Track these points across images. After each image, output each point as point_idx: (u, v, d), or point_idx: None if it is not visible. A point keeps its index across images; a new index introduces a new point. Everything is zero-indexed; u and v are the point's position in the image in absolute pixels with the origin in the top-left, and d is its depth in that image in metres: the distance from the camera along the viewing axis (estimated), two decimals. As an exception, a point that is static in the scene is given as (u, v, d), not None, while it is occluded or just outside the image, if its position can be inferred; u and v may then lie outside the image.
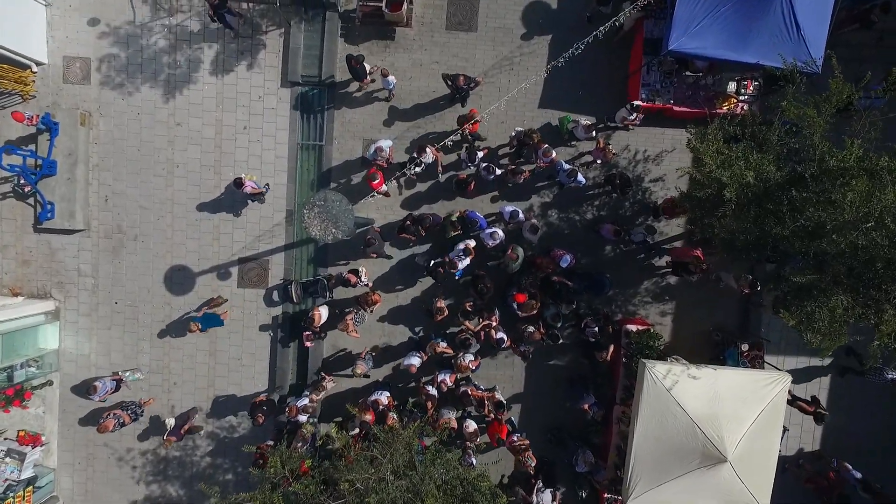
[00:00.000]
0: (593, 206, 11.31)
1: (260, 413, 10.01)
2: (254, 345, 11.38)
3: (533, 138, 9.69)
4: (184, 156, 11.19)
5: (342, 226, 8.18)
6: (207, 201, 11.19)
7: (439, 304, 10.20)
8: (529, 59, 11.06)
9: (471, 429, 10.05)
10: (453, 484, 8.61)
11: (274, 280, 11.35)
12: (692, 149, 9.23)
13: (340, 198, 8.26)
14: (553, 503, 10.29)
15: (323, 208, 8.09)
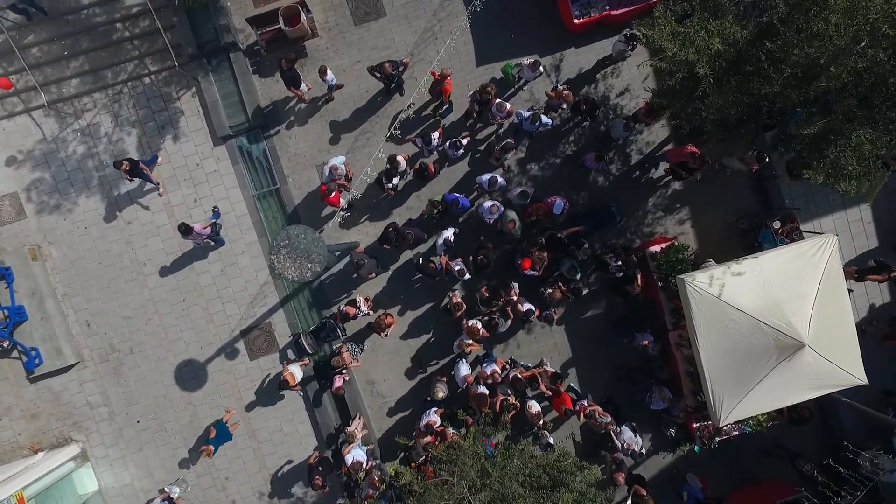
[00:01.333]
0: (569, 143, 10.61)
1: (317, 475, 9.40)
2: (289, 410, 10.78)
3: (489, 92, 9.00)
4: (147, 252, 10.59)
5: (316, 257, 7.53)
6: (187, 287, 10.60)
7: (455, 301, 9.56)
8: (449, 22, 10.39)
9: (534, 410, 9.41)
10: (536, 474, 7.97)
11: (283, 339, 10.75)
12: (647, 43, 8.52)
13: (303, 230, 7.60)
14: (635, 436, 9.71)
15: (290, 247, 7.44)
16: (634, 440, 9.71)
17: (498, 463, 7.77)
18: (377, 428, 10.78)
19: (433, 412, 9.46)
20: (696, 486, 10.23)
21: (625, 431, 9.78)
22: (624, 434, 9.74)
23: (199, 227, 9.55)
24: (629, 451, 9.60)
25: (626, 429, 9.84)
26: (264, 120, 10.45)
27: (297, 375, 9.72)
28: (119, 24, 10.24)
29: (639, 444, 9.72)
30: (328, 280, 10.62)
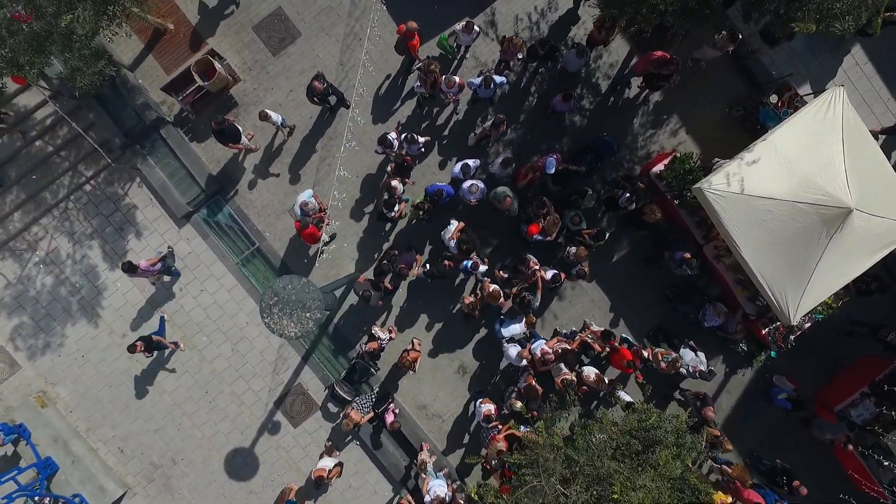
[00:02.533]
0: (531, 95, 9.91)
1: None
2: (351, 464, 10.17)
3: (434, 71, 8.32)
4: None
5: (313, 304, 6.87)
6: (205, 378, 10.01)
7: (467, 301, 8.91)
8: (365, 18, 9.70)
9: (592, 377, 8.75)
10: (624, 442, 7.31)
11: (319, 396, 10.14)
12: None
13: (288, 280, 6.95)
14: (696, 355, 9.10)
15: (281, 303, 6.80)
16: (697, 360, 9.05)
17: (581, 446, 7.13)
18: (446, 449, 10.17)
19: (480, 403, 8.87)
20: (787, 386, 9.55)
21: (684, 355, 9.12)
22: (685, 358, 9.08)
23: (146, 263, 8.79)
24: (696, 373, 8.94)
25: (685, 351, 9.19)
26: (219, 184, 9.82)
27: (329, 465, 9.13)
28: (39, 142, 9.65)
29: (703, 362, 9.05)
30: (341, 321, 10.01)
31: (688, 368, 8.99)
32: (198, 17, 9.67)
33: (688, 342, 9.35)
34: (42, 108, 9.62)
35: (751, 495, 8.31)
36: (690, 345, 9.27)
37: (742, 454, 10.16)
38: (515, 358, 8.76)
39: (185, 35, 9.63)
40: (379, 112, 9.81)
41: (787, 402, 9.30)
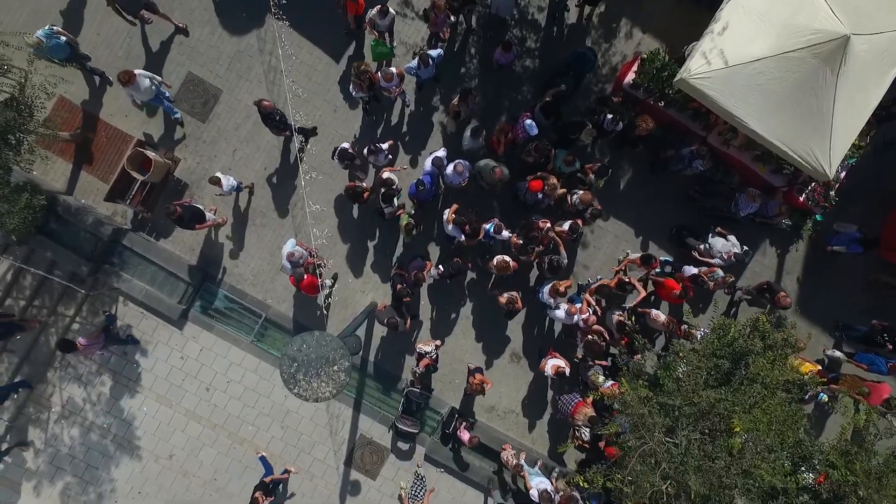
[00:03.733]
0: (471, 56, 9.26)
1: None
2: (445, 492, 9.62)
3: (366, 69, 7.69)
4: (207, 466, 9.49)
5: (337, 355, 6.24)
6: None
7: (502, 300, 8.30)
8: (276, 45, 9.04)
9: (661, 318, 8.14)
10: (710, 366, 6.69)
11: (385, 439, 9.59)
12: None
13: (300, 341, 6.28)
14: (726, 240, 8.45)
15: (303, 367, 6.18)
16: (728, 244, 8.39)
17: (670, 387, 6.52)
18: (532, 441, 9.60)
19: (547, 359, 8.38)
20: (850, 228, 8.89)
21: (714, 244, 8.45)
22: (715, 246, 8.42)
23: (86, 340, 8.15)
24: (731, 258, 8.31)
25: (715, 240, 8.50)
26: (202, 272, 9.26)
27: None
28: (8, 300, 9.11)
29: (735, 244, 8.40)
30: (377, 356, 9.45)
31: (721, 256, 8.35)
32: (111, 115, 9.07)
33: (714, 230, 8.68)
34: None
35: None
36: (718, 231, 8.61)
37: (829, 329, 9.53)
38: (566, 318, 8.18)
39: (108, 136, 9.04)
40: (327, 133, 9.20)
41: (857, 245, 8.62)
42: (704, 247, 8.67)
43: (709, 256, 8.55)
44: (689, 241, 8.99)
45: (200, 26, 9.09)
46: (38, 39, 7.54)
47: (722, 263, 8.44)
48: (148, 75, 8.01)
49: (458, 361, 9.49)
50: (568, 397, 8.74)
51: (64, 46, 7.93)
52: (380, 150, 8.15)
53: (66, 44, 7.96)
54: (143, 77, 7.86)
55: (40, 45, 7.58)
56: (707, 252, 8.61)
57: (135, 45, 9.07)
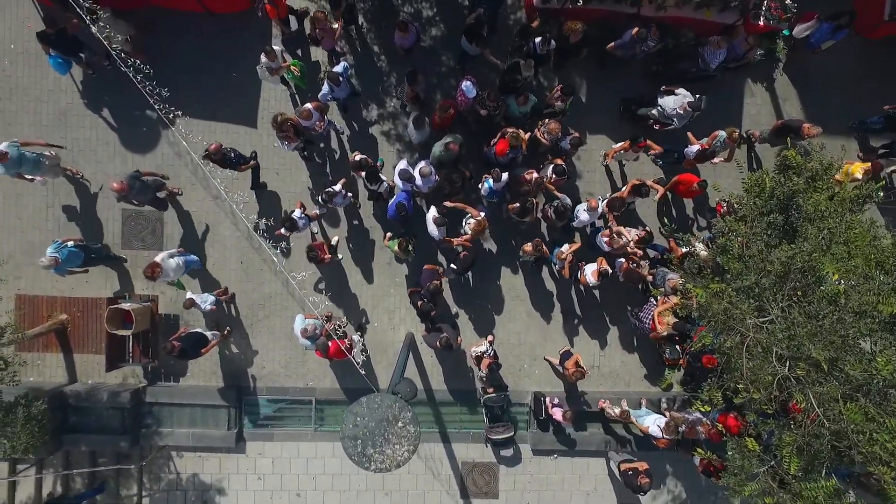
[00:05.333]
0: (379, 52, 8.71)
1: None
2: (567, 474, 9.13)
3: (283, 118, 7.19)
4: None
5: (397, 409, 5.62)
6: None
7: (528, 248, 7.74)
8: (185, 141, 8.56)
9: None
10: (762, 227, 6.11)
11: (487, 454, 9.10)
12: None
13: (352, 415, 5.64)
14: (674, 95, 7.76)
15: (368, 439, 5.62)
16: (679, 99, 7.69)
17: (736, 268, 5.93)
18: (626, 385, 9.09)
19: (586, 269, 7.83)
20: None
21: (665, 105, 7.82)
22: (666, 107, 7.81)
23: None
24: (686, 110, 7.62)
25: (665, 101, 7.85)
26: (235, 388, 8.80)
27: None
28: None
29: (685, 94, 7.70)
30: (439, 381, 8.97)
31: (677, 113, 7.71)
32: (72, 288, 8.62)
33: (660, 91, 8.00)
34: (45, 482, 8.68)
35: None
36: (662, 90, 7.96)
37: (845, 129, 8.92)
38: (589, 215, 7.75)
39: (80, 308, 8.58)
40: (283, 197, 8.70)
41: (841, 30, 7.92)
42: (657, 110, 8.08)
43: (666, 119, 7.95)
44: (641, 112, 8.41)
45: (110, 160, 8.60)
46: (53, 257, 7.16)
47: (683, 119, 7.84)
48: (167, 254, 7.51)
49: (517, 346, 8.99)
50: (644, 313, 8.20)
51: (77, 252, 7.59)
52: (334, 192, 7.61)
53: (77, 247, 7.62)
54: (166, 261, 7.38)
55: (57, 262, 7.20)
56: (662, 115, 8.01)
57: (58, 213, 8.61)
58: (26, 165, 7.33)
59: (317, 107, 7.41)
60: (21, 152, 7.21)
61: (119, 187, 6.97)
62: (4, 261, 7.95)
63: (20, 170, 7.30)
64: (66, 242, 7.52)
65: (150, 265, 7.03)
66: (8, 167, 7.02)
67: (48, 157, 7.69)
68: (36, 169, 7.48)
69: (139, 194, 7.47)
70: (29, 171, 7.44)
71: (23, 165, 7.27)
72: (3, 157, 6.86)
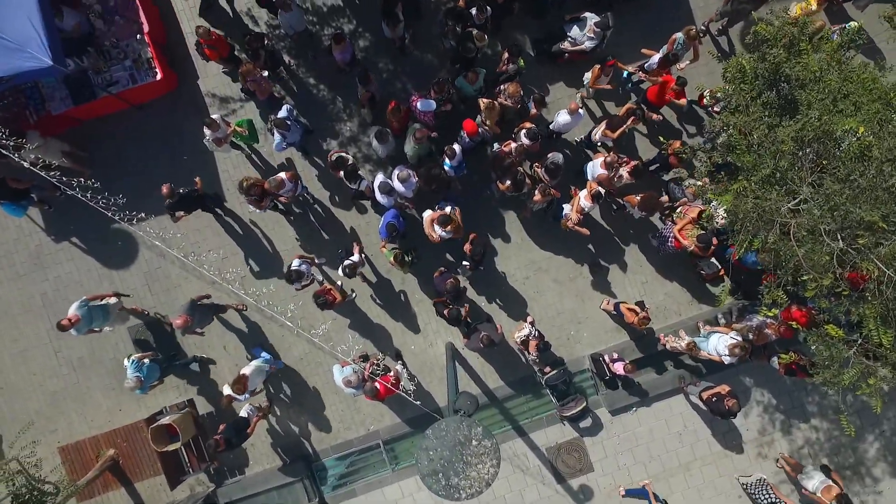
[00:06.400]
0: (318, 82, 8.44)
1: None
2: (652, 416, 8.83)
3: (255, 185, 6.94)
4: None
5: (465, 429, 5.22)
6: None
7: (538, 198, 7.44)
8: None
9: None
10: (759, 110, 5.78)
11: (567, 433, 8.77)
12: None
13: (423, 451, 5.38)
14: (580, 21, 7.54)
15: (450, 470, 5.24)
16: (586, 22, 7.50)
17: (749, 161, 5.58)
18: (679, 315, 8.76)
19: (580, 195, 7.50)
20: None
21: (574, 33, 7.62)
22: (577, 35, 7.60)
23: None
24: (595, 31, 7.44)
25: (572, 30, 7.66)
26: (301, 460, 8.55)
27: None
28: None
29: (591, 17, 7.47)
30: (493, 379, 8.70)
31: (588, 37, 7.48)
32: (110, 422, 8.44)
33: (565, 22, 7.82)
34: None
35: None
36: (567, 20, 7.78)
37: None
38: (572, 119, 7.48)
39: (125, 438, 8.38)
40: (267, 264, 8.49)
41: None
42: (569, 41, 7.80)
43: (580, 45, 7.67)
44: (555, 49, 8.07)
45: (99, 286, 8.39)
46: (137, 378, 7.07)
47: (594, 41, 7.57)
48: (254, 367, 7.40)
49: (557, 317, 8.70)
50: (664, 232, 7.87)
51: (155, 366, 7.50)
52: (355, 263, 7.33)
53: (153, 362, 7.52)
54: (253, 371, 7.29)
55: (141, 382, 7.10)
56: (575, 43, 7.73)
57: (68, 353, 8.43)
58: (97, 320, 7.22)
59: (290, 177, 7.21)
60: (90, 308, 7.08)
61: (182, 322, 6.87)
62: (31, 422, 7.76)
63: (91, 326, 7.17)
64: (142, 361, 7.35)
65: (239, 378, 6.97)
66: (80, 328, 6.92)
67: (113, 303, 7.56)
68: (105, 319, 7.38)
69: (202, 320, 7.42)
70: (99, 324, 7.33)
71: (94, 321, 7.15)
72: (75, 320, 6.76)
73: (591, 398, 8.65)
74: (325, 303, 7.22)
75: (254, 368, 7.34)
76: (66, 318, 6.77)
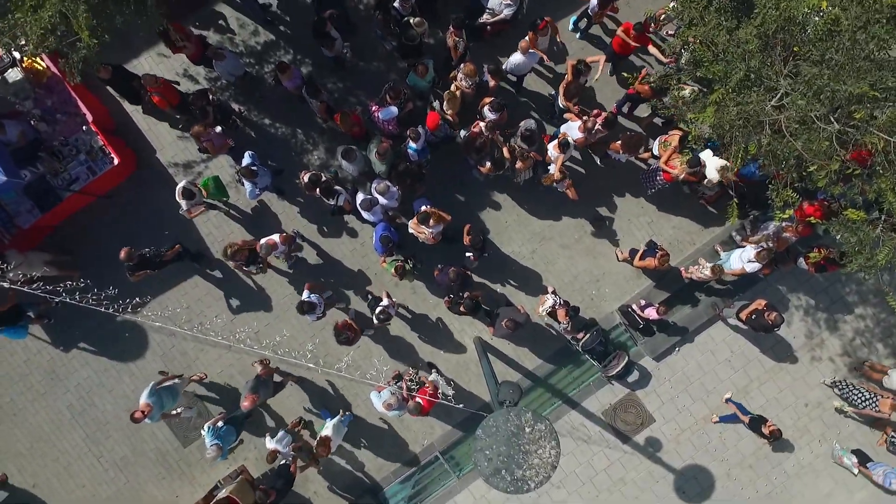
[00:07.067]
0: (272, 122, 8.30)
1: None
2: (703, 355, 8.65)
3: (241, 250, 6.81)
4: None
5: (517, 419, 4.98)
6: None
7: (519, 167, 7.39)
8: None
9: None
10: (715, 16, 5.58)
11: (619, 391, 8.62)
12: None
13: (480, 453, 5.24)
14: None
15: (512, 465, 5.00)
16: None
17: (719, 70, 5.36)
18: (692, 245, 8.57)
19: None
20: None
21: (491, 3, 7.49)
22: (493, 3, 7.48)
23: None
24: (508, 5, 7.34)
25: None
26: (367, 492, 8.47)
27: None
28: None
29: None
30: (530, 358, 8.55)
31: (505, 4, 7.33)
32: (177, 497, 8.38)
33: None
34: None
35: None
36: None
37: None
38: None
39: None
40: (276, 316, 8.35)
41: None
42: (488, 12, 7.64)
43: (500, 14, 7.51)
44: (478, 24, 7.83)
45: (120, 383, 8.33)
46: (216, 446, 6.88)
47: (512, 7, 7.41)
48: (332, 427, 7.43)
49: (574, 281, 8.54)
50: (651, 170, 7.78)
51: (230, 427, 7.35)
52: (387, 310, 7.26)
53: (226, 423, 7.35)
54: (334, 431, 7.33)
55: (220, 449, 6.96)
56: (494, 13, 7.57)
57: (103, 452, 8.35)
58: (168, 403, 7.13)
59: (284, 239, 7.11)
60: (159, 394, 7.00)
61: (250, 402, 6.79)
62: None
63: (164, 410, 7.10)
64: (216, 425, 7.22)
65: (323, 440, 7.03)
66: (154, 416, 6.85)
67: (178, 383, 7.50)
68: (174, 400, 7.28)
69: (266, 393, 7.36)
70: (171, 405, 7.24)
71: (165, 405, 7.07)
72: (147, 409, 6.69)
73: (631, 351, 8.49)
74: (348, 339, 7.09)
75: (333, 428, 7.30)
76: (138, 411, 6.69)
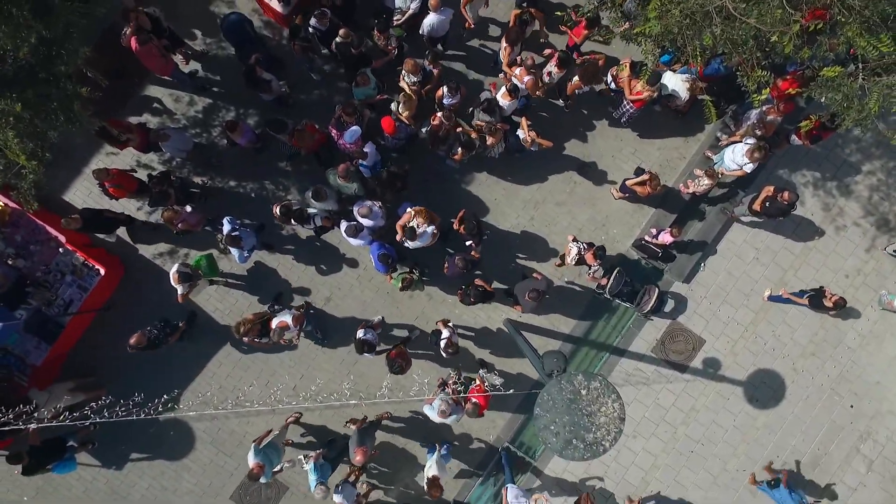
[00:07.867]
0: (237, 186, 8.20)
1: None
2: (735, 254, 8.50)
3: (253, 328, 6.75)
4: None
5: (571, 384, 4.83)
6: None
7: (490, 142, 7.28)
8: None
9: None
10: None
11: (664, 325, 8.46)
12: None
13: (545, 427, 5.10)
14: None
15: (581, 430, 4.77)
16: None
17: None
18: (682, 158, 8.41)
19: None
20: None
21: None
22: None
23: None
24: None
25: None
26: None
27: None
28: None
29: None
30: (565, 322, 8.41)
31: None
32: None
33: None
34: None
35: None
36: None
37: None
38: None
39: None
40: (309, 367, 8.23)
41: None
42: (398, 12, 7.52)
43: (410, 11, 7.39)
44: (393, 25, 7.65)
45: (177, 479, 8.26)
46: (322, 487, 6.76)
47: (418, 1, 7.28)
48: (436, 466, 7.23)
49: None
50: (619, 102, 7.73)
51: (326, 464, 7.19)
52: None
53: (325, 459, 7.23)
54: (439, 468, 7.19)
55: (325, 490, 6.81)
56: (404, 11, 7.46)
57: None
58: (275, 459, 7.08)
59: (296, 320, 6.97)
60: (264, 451, 6.94)
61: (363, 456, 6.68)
62: None
63: (273, 466, 7.03)
64: (316, 461, 7.08)
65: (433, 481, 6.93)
66: (267, 473, 6.77)
67: (276, 434, 7.48)
68: (278, 454, 7.24)
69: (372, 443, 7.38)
70: (278, 461, 7.20)
71: (273, 461, 7.02)
72: (258, 469, 6.61)
73: (659, 282, 8.33)
74: (401, 368, 6.98)
75: (437, 466, 7.17)
76: (251, 470, 6.66)
